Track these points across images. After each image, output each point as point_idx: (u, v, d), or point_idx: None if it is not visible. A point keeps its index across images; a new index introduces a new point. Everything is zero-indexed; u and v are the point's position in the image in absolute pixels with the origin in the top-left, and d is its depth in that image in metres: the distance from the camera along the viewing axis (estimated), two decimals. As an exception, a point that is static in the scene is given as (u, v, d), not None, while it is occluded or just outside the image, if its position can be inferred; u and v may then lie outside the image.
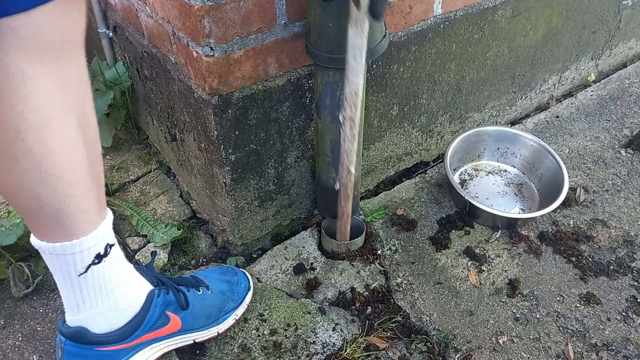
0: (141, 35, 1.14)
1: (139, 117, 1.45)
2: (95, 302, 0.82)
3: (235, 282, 1.04)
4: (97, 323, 0.84)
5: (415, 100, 1.25)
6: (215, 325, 1.00)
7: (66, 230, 0.73)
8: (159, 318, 0.90)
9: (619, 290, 1.11)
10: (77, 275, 0.78)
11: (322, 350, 1.01)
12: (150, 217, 1.25)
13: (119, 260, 0.84)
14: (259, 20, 0.87)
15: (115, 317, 0.85)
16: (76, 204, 0.72)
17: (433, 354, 1.00)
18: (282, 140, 1.06)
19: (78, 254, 0.75)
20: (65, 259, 0.75)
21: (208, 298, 0.99)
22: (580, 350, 1.01)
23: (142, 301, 0.88)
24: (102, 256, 0.78)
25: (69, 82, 0.66)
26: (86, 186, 0.73)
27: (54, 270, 0.78)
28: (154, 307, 0.89)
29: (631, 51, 1.84)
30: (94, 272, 0.79)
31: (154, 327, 0.90)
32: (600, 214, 1.28)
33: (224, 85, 0.91)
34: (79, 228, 0.74)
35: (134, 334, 0.88)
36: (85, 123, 0.71)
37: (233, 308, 1.02)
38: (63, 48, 0.64)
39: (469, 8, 1.19)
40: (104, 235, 0.78)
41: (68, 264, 0.76)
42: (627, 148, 1.47)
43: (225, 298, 1.01)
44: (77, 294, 0.80)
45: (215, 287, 1.02)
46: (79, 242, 0.74)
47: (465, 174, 1.40)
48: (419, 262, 1.17)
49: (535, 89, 1.58)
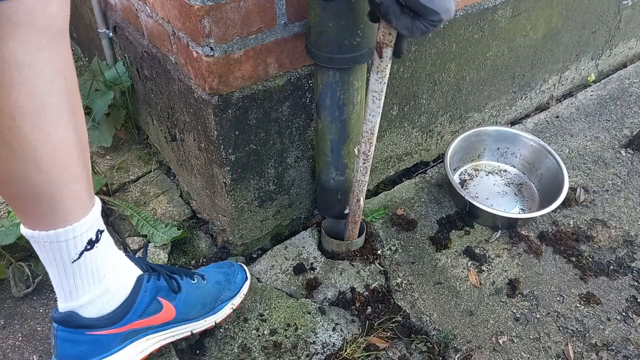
0: (141, 35, 1.14)
1: (139, 117, 1.45)
2: (87, 289, 0.82)
3: (232, 272, 1.04)
4: (89, 308, 0.84)
5: (415, 100, 1.25)
6: (212, 315, 0.99)
7: (59, 217, 0.73)
8: (150, 303, 0.90)
9: (619, 290, 1.11)
10: (70, 262, 0.78)
11: (322, 350, 1.01)
12: (150, 217, 1.25)
13: (110, 245, 0.84)
14: (259, 20, 0.87)
15: (107, 301, 0.85)
16: (69, 189, 0.72)
17: (433, 354, 1.00)
18: (282, 140, 1.06)
19: (72, 240, 0.76)
20: (59, 246, 0.76)
21: (203, 287, 0.98)
22: (580, 350, 1.01)
23: (132, 285, 0.88)
24: (93, 242, 0.79)
25: (61, 67, 0.67)
26: (79, 171, 0.73)
27: (46, 259, 0.78)
28: (143, 292, 0.89)
29: (631, 51, 1.84)
30: (86, 258, 0.79)
31: (146, 313, 0.90)
32: (600, 214, 1.28)
33: (224, 85, 0.91)
34: (72, 214, 0.74)
35: (125, 317, 0.87)
36: (75, 108, 0.72)
37: (230, 297, 1.01)
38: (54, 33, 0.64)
39: (469, 8, 1.19)
40: (95, 220, 0.78)
41: (62, 251, 0.76)
42: (627, 148, 1.47)
43: (221, 287, 1.01)
44: (70, 281, 0.80)
45: (211, 277, 1.01)
46: (72, 228, 0.74)
47: (465, 174, 1.40)
48: (419, 262, 1.17)
49: (535, 89, 1.58)
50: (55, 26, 0.64)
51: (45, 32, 0.63)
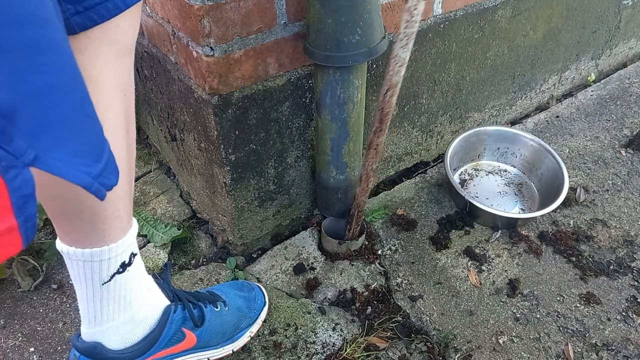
0: (141, 35, 1.14)
1: (139, 117, 1.45)
2: (112, 315, 0.80)
3: (252, 298, 1.03)
4: (112, 338, 0.82)
5: (416, 100, 1.25)
6: (230, 344, 0.98)
7: (99, 236, 0.71)
8: (174, 334, 0.89)
9: (619, 290, 1.11)
10: (100, 284, 0.76)
11: (322, 350, 1.01)
12: (150, 217, 1.25)
13: (140, 270, 0.82)
14: (259, 20, 0.87)
15: (130, 330, 0.84)
16: (113, 208, 0.70)
17: (433, 354, 1.00)
18: (282, 140, 1.06)
19: (106, 262, 0.74)
20: (92, 266, 0.74)
21: (225, 315, 0.97)
22: (580, 350, 1.01)
23: (158, 315, 0.87)
24: (126, 265, 0.77)
25: (122, 83, 0.66)
26: (124, 190, 0.71)
27: (77, 277, 0.76)
28: (170, 324, 0.87)
29: (631, 51, 1.84)
30: (117, 282, 0.77)
31: (170, 343, 0.89)
32: (600, 213, 1.28)
33: (224, 85, 0.91)
34: (111, 234, 0.72)
35: (150, 350, 0.86)
36: (128, 125, 0.71)
37: (248, 325, 1.00)
38: (121, 48, 0.64)
39: (469, 8, 1.19)
40: (130, 243, 0.77)
41: (94, 272, 0.74)
42: (627, 148, 1.47)
43: (242, 315, 0.99)
44: (97, 304, 0.78)
45: (233, 303, 1.00)
46: (108, 249, 0.73)
47: (465, 173, 1.40)
48: (419, 262, 1.17)
49: (535, 89, 1.58)
50: (125, 41, 0.64)
51: (114, 46, 0.62)
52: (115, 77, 0.64)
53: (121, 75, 0.66)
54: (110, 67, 0.63)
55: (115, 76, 0.64)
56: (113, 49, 0.62)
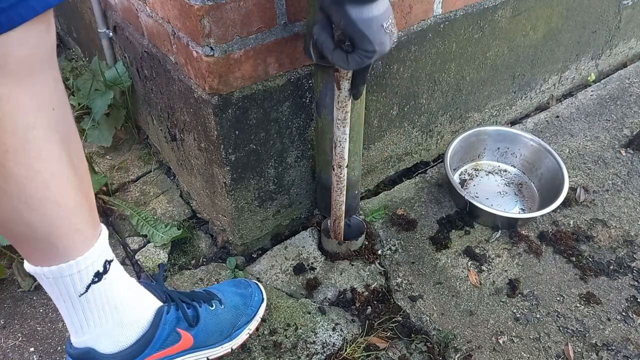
0: (141, 35, 1.14)
1: (139, 116, 1.45)
2: (99, 321, 0.79)
3: (249, 295, 1.02)
4: (104, 342, 0.81)
5: (415, 100, 1.25)
6: (229, 342, 0.97)
7: (61, 252, 0.70)
8: (169, 335, 0.88)
9: (619, 290, 1.11)
10: (77, 296, 0.75)
11: (322, 350, 1.01)
12: (150, 217, 1.25)
13: (120, 275, 0.81)
14: (259, 20, 0.87)
15: (122, 334, 0.83)
16: (68, 224, 0.69)
17: (433, 354, 1.00)
18: (282, 140, 1.06)
19: (76, 275, 0.73)
20: (63, 282, 0.72)
21: (221, 314, 0.96)
22: (580, 350, 1.01)
23: (150, 317, 0.86)
24: (101, 274, 0.76)
25: (46, 98, 0.63)
26: (76, 204, 0.69)
27: (53, 294, 0.75)
28: (163, 325, 0.86)
29: (631, 51, 1.84)
30: (94, 291, 0.76)
31: (164, 345, 0.88)
32: (600, 213, 1.28)
33: (224, 85, 0.91)
34: (74, 248, 0.71)
35: (144, 352, 0.85)
36: (68, 138, 0.68)
37: (246, 322, 0.99)
38: (35, 64, 0.59)
39: (469, 8, 1.19)
40: (101, 252, 0.75)
41: (67, 286, 0.73)
42: (627, 148, 1.47)
43: (238, 313, 0.99)
44: (80, 315, 0.77)
45: (229, 301, 0.99)
46: (75, 263, 0.71)
47: (465, 173, 1.40)
48: (419, 262, 1.17)
49: (535, 89, 1.58)
50: (34, 57, 0.58)
51: (24, 63, 0.57)
52: (34, 93, 0.60)
53: (42, 91, 0.61)
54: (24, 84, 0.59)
55: (33, 92, 0.60)
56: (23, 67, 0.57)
